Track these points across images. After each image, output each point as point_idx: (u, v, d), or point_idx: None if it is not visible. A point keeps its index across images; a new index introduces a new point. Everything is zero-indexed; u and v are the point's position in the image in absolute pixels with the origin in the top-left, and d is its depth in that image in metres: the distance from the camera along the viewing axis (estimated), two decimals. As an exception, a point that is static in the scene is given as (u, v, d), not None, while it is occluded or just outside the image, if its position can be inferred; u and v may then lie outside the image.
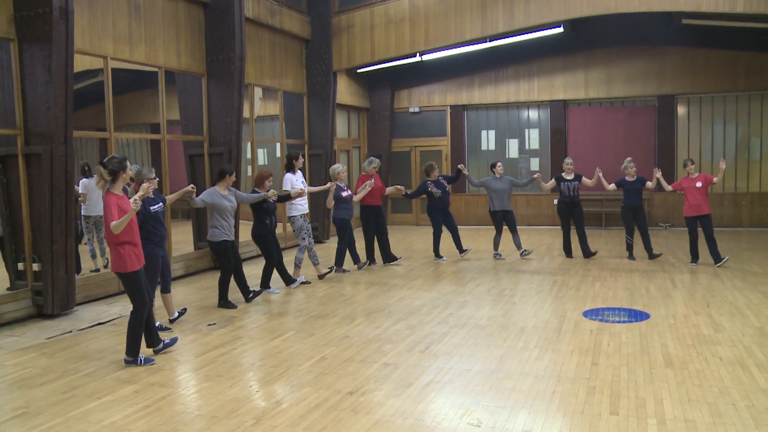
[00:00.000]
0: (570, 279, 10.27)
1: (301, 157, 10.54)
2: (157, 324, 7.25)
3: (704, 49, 16.21)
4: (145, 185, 6.53)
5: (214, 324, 7.91)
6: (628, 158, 12.00)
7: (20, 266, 8.47)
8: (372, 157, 11.83)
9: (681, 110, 16.80)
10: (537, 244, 14.25)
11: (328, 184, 10.68)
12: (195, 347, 7.02)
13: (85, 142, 16.50)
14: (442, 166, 18.28)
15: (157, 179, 7.53)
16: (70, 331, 7.77)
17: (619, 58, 16.88)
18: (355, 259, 11.60)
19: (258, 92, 13.94)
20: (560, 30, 15.14)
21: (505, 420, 4.83)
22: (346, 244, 11.17)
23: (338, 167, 10.99)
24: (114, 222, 6.02)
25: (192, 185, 8.24)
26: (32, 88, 8.22)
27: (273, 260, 9.67)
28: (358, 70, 17.40)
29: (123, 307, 8.97)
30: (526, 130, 18.07)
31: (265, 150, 17.89)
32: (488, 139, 18.41)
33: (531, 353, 6.47)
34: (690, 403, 5.05)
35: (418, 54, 15.82)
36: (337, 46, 15.59)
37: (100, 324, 8.09)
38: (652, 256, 11.81)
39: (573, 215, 12.18)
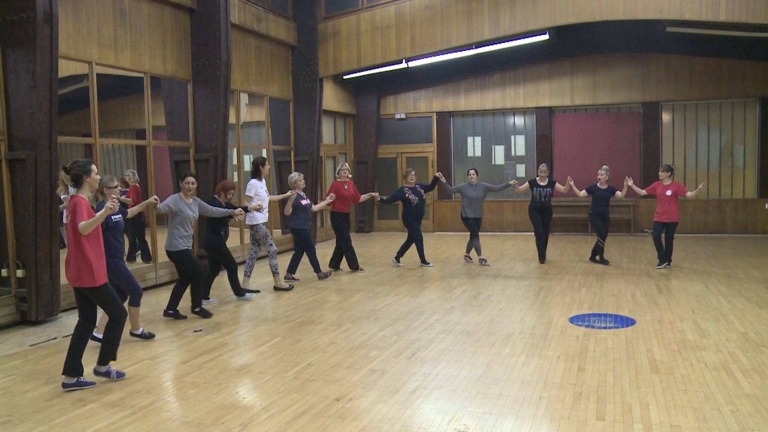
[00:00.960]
0: (556, 285, 10.31)
1: (267, 164, 10.48)
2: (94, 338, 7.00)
3: (688, 56, 16.41)
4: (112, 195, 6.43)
5: (201, 330, 7.87)
6: (605, 166, 12.23)
7: (3, 272, 8.39)
8: (345, 163, 11.95)
9: (666, 117, 16.96)
10: (524, 250, 14.30)
11: (288, 193, 10.57)
12: (181, 354, 6.98)
13: (69, 148, 16.39)
14: (428, 172, 18.32)
15: (118, 188, 7.13)
16: (55, 338, 7.71)
17: (605, 65, 17.03)
18: (316, 267, 11.20)
19: (244, 98, 13.93)
20: (546, 37, 15.26)
21: (491, 426, 4.84)
22: (312, 251, 10.94)
23: (296, 176, 10.83)
24: (83, 222, 5.64)
25: (155, 197, 8.03)
26: (16, 93, 8.17)
27: (234, 266, 9.38)
28: (345, 77, 17.43)
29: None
30: (512, 137, 18.16)
31: (251, 156, 17.84)
32: (474, 146, 18.48)
33: (517, 359, 6.48)
34: (675, 409, 5.08)
35: (404, 60, 15.90)
36: (323, 52, 15.60)
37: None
38: (603, 260, 12.19)
39: (542, 219, 12.34)
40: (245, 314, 8.81)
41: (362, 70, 16.45)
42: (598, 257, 12.31)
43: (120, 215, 7.11)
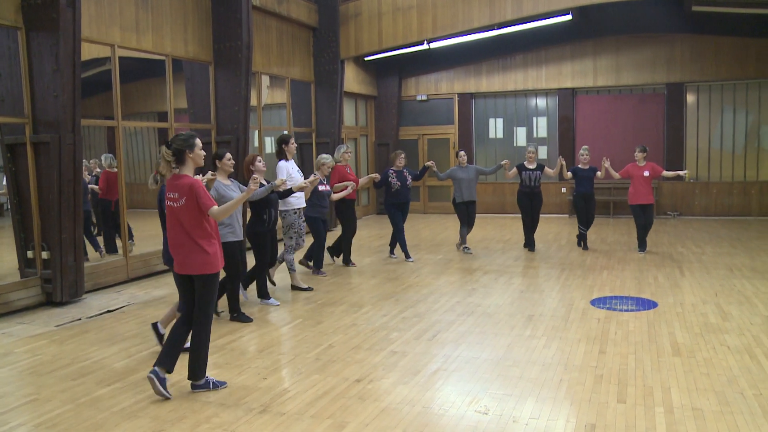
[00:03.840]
0: (577, 268, 10.25)
1: (292, 141, 9.14)
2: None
3: (714, 36, 16.08)
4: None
5: (222, 312, 7.92)
6: (585, 146, 11.95)
7: (29, 254, 8.51)
8: (342, 144, 10.70)
9: (690, 98, 16.71)
10: (545, 232, 14.17)
11: (312, 177, 8.61)
12: (203, 335, 7.04)
13: (92, 131, 16.52)
14: (449, 154, 18.25)
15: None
16: (79, 319, 7.81)
17: (628, 45, 16.77)
18: (317, 262, 10.11)
19: (265, 80, 13.92)
20: (568, 17, 15.04)
21: (512, 408, 4.84)
22: (319, 243, 9.92)
23: (326, 158, 9.68)
24: (217, 207, 5.19)
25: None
26: (40, 77, 8.23)
27: (263, 263, 8.21)
28: (366, 58, 17.35)
29: (131, 295, 9.02)
30: (534, 119, 18.01)
31: (273, 138, 17.87)
32: (496, 128, 18.37)
33: (538, 341, 6.47)
34: (698, 392, 5.05)
35: (425, 42, 15.76)
36: (344, 34, 15.54)
37: (108, 312, 8.12)
38: (584, 246, 11.93)
39: (532, 205, 11.72)
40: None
41: (383, 52, 16.34)
42: (582, 244, 11.98)
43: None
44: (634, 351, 6.09)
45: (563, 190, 17.30)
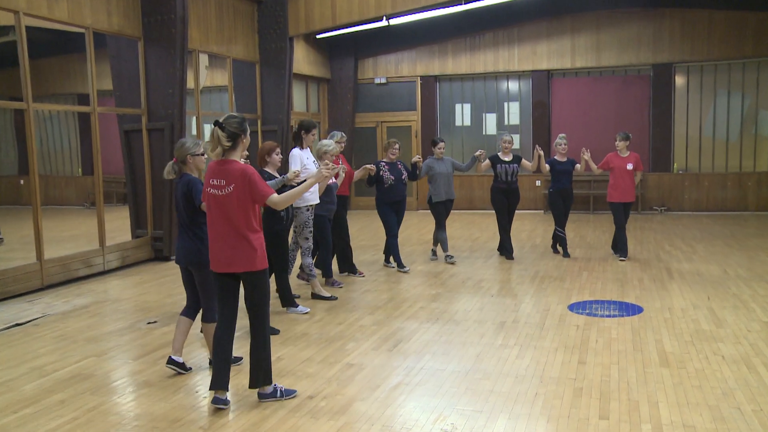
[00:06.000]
0: (553, 269, 10.33)
1: (314, 129, 8.77)
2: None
3: (707, 10, 16.24)
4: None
5: (156, 322, 7.79)
6: (562, 134, 11.48)
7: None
8: (335, 131, 10.12)
9: (679, 80, 16.96)
10: (518, 230, 14.26)
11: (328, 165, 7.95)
12: (134, 349, 6.92)
13: (-2, 114, 16.13)
14: (411, 144, 18.27)
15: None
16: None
17: (610, 22, 16.98)
18: (329, 271, 9.63)
19: (204, 60, 13.75)
20: (544, -9, 15.19)
21: (482, 426, 4.83)
22: (325, 247, 9.45)
23: (328, 145, 8.87)
24: (277, 196, 5.22)
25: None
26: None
27: (286, 268, 8.27)
28: (318, 36, 17.29)
29: (46, 305, 8.82)
30: (506, 104, 18.16)
31: (212, 126, 17.68)
32: (463, 114, 18.47)
33: (511, 351, 6.49)
34: (689, 407, 5.09)
35: (384, 18, 15.74)
36: (293, 8, 15.42)
37: (18, 325, 7.90)
38: (565, 253, 11.37)
39: (508, 204, 11.22)
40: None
41: (337, 29, 16.31)
42: (560, 247, 11.55)
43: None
44: (618, 361, 6.14)
45: (538, 183, 17.45)
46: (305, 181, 5.82)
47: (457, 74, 18.26)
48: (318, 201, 8.59)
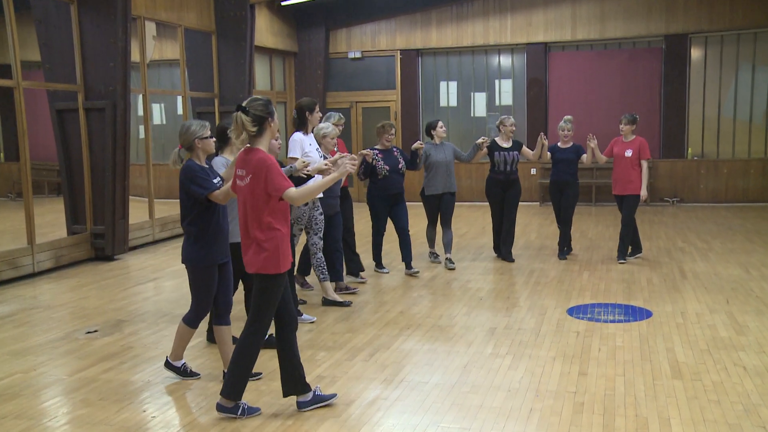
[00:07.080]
0: (550, 268, 10.37)
1: (317, 107, 8.64)
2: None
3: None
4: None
5: (96, 332, 7.72)
6: (567, 117, 11.21)
7: None
8: (332, 112, 10.00)
9: (696, 53, 16.98)
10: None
11: (337, 156, 7.13)
12: (69, 363, 6.84)
13: None
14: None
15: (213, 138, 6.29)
16: None
17: (615, -12, 17.00)
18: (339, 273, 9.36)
19: (150, 28, 13.64)
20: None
21: (470, 446, 4.84)
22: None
23: (327, 128, 8.70)
24: (295, 189, 5.19)
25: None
26: None
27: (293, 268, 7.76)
28: (283, 3, 17.24)
29: (-29, 309, 8.72)
30: (497, 81, 18.18)
31: (162, 105, 17.60)
32: (448, 93, 18.49)
33: (503, 361, 6.50)
34: (705, 424, 5.11)
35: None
36: (254, -31, 15.38)
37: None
38: (561, 254, 11.15)
39: (505, 198, 10.92)
40: (158, 308, 8.73)
41: (305, -5, 16.29)
42: (566, 249, 11.29)
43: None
44: (623, 372, 6.17)
45: (533, 171, 17.47)
46: (310, 175, 5.91)
47: (441, 48, 18.26)
48: (321, 195, 8.38)
